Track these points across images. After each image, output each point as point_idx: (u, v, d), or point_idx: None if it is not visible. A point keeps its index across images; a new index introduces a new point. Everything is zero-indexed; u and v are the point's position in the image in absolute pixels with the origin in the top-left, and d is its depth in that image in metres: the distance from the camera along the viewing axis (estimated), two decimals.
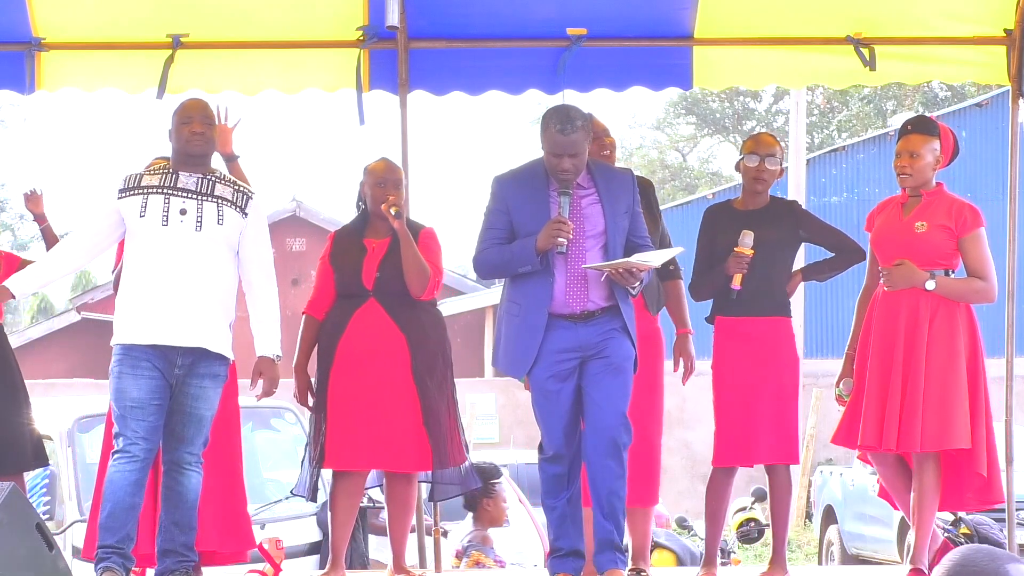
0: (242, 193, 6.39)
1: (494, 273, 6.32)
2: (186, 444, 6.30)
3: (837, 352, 26.81)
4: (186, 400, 6.28)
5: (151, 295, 6.25)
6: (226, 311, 6.33)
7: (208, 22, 7.81)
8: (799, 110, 23.44)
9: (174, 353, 6.24)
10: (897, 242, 6.58)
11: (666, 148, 42.23)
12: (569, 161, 6.09)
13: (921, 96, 35.51)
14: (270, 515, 9.86)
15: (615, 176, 6.32)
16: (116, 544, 6.24)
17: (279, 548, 6.92)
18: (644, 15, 7.86)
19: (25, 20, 7.75)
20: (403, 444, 6.73)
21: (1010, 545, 7.88)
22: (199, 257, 6.26)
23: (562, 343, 6.12)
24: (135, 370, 6.23)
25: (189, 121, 6.34)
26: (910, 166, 6.59)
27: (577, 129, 6.08)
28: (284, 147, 62.82)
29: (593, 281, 6.14)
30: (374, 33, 7.72)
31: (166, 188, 6.32)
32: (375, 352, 6.73)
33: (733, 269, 6.72)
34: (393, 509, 6.94)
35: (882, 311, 6.59)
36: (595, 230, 6.17)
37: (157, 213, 6.27)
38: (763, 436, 6.74)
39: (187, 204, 6.28)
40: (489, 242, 6.22)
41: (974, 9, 7.77)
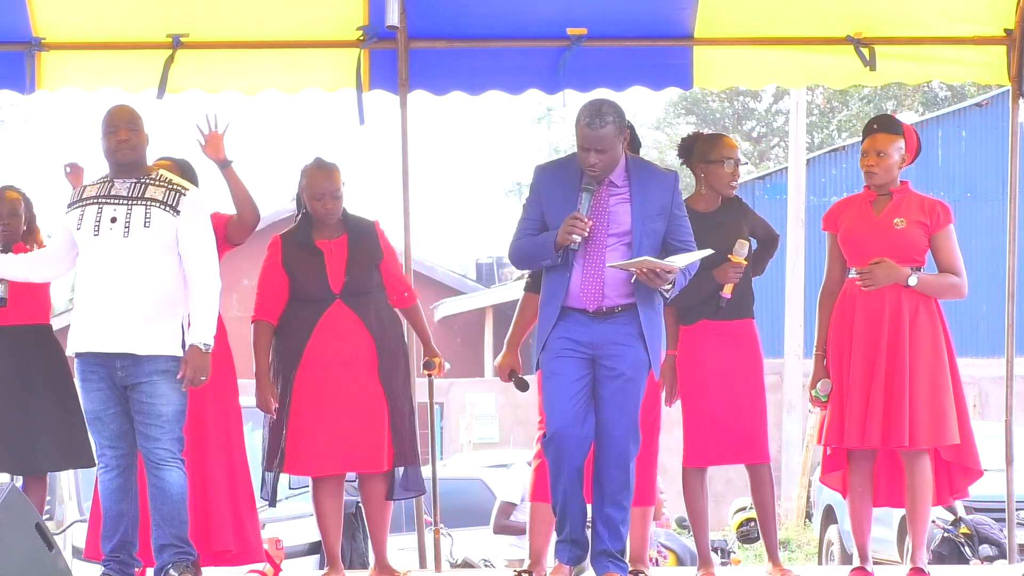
0: (174, 191, 6.37)
1: (523, 263, 6.30)
2: (154, 442, 6.30)
3: None
4: (141, 399, 6.31)
5: (86, 304, 6.36)
6: (168, 310, 6.33)
7: (208, 22, 7.81)
8: (799, 110, 23.45)
9: (111, 359, 6.31)
10: (875, 240, 6.57)
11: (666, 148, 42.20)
12: (596, 156, 6.01)
13: (921, 96, 35.51)
14: (270, 515, 9.86)
15: (654, 176, 6.22)
16: (111, 552, 6.38)
17: (279, 548, 6.93)
18: (644, 15, 7.86)
19: (25, 20, 7.75)
20: (372, 444, 6.71)
21: (1010, 545, 7.88)
22: (128, 263, 6.29)
23: (572, 333, 6.07)
24: (86, 383, 6.39)
25: (115, 130, 6.37)
26: (877, 164, 6.63)
27: (606, 124, 5.98)
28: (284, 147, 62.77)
29: (610, 278, 6.06)
30: (374, 33, 7.72)
31: (101, 197, 6.39)
32: (344, 354, 6.70)
33: (731, 278, 6.71)
34: (369, 509, 6.92)
35: (863, 309, 6.56)
36: (619, 228, 6.09)
37: (90, 223, 6.35)
38: (733, 436, 6.77)
39: (118, 211, 6.34)
40: (522, 232, 6.19)
41: (974, 9, 7.77)
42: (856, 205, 6.70)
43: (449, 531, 9.24)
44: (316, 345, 6.70)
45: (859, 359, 6.55)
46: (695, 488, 6.88)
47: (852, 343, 6.57)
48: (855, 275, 6.61)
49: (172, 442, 6.33)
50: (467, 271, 34.36)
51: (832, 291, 6.72)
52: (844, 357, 6.60)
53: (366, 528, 9.48)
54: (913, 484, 6.55)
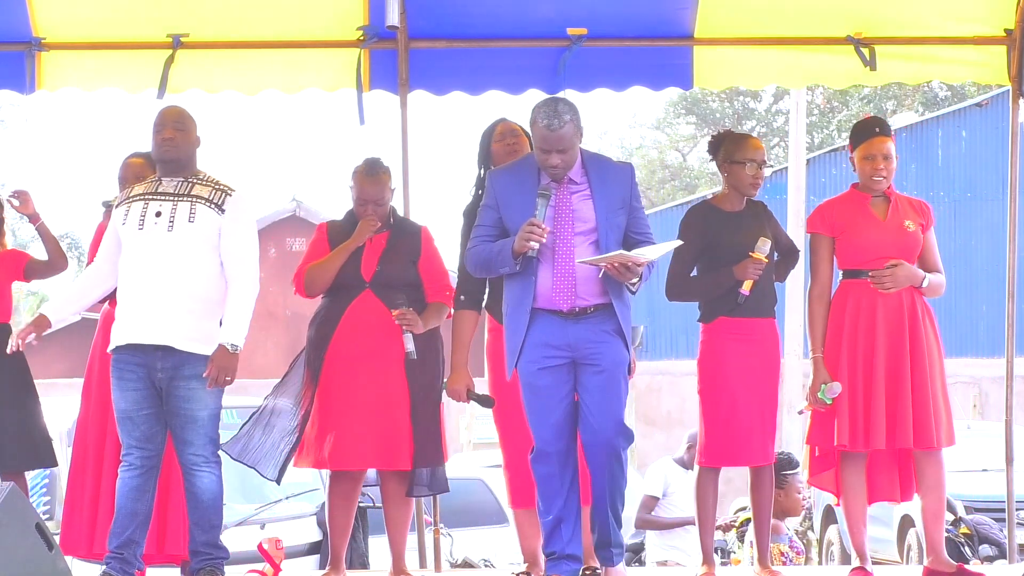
0: (220, 191, 6.42)
1: (480, 270, 6.16)
2: (188, 446, 6.35)
3: None
4: (177, 403, 6.34)
5: (128, 298, 6.37)
6: (206, 308, 6.35)
7: (208, 22, 7.81)
8: (799, 110, 23.43)
9: (153, 356, 6.30)
10: (889, 242, 6.59)
11: (666, 148, 42.23)
12: (558, 156, 5.94)
13: (921, 96, 35.52)
14: (270, 515, 9.86)
15: (611, 169, 6.16)
16: (116, 549, 6.37)
17: (279, 548, 6.92)
18: (644, 15, 7.86)
19: (25, 20, 7.76)
20: (394, 441, 6.72)
21: (1010, 545, 7.89)
22: (171, 257, 6.31)
23: (548, 337, 5.97)
24: (121, 380, 6.37)
25: (161, 128, 6.43)
26: (886, 169, 6.67)
27: (565, 123, 5.91)
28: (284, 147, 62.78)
29: (582, 277, 5.97)
30: (374, 33, 7.72)
31: (147, 194, 6.43)
32: (370, 345, 6.70)
33: (750, 275, 6.71)
34: (389, 509, 6.91)
35: (884, 311, 6.56)
36: (585, 226, 6.01)
37: (135, 218, 6.39)
38: (750, 437, 6.78)
39: (163, 207, 6.37)
40: (477, 239, 6.11)
41: (974, 9, 7.77)
42: (852, 207, 6.69)
43: (449, 531, 9.24)
44: (343, 334, 6.68)
45: (883, 361, 6.54)
46: (707, 487, 6.88)
47: (875, 345, 6.55)
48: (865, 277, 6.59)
49: (206, 446, 6.36)
50: None
51: (824, 292, 6.72)
52: (867, 358, 6.57)
53: (367, 528, 9.52)
54: (934, 485, 6.59)
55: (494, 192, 6.10)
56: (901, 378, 6.52)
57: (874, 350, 6.57)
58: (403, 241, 6.81)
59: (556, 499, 6.05)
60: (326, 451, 6.73)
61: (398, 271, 6.75)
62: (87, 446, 6.92)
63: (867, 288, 6.61)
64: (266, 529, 9.39)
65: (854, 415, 6.58)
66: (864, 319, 6.59)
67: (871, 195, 6.68)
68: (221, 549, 6.47)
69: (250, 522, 9.47)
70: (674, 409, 23.53)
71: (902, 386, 6.52)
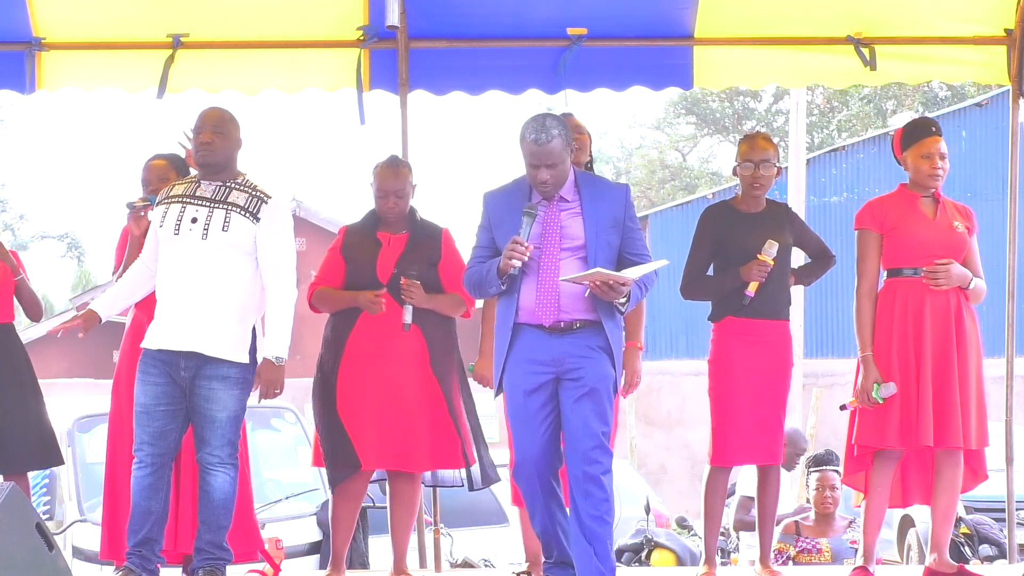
0: (257, 198, 6.41)
1: (474, 291, 6.09)
2: (206, 445, 6.36)
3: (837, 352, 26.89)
4: (198, 402, 6.35)
5: (163, 301, 6.40)
6: (239, 314, 6.36)
7: (208, 22, 7.81)
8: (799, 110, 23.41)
9: (176, 357, 6.32)
10: (940, 242, 6.58)
11: (666, 148, 42.20)
12: (547, 172, 5.83)
13: (921, 96, 35.49)
14: (270, 515, 9.86)
15: (604, 189, 6.05)
16: (134, 547, 6.39)
17: (279, 548, 6.93)
18: (644, 15, 7.86)
19: (25, 20, 7.76)
20: (408, 443, 6.72)
21: (1010, 545, 7.89)
22: (203, 264, 6.32)
23: (532, 352, 5.88)
24: (145, 375, 6.38)
25: (199, 131, 6.43)
26: (943, 168, 6.66)
27: (553, 138, 5.80)
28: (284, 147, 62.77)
29: (566, 294, 5.86)
30: (374, 33, 7.72)
31: (185, 197, 6.42)
32: (388, 347, 6.71)
33: (755, 277, 6.72)
34: (396, 509, 6.91)
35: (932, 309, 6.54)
36: (572, 243, 5.90)
37: (172, 222, 6.39)
38: (759, 436, 6.79)
39: (199, 212, 6.37)
40: (472, 260, 6.05)
41: (974, 9, 7.78)
42: (902, 206, 6.66)
43: (449, 531, 9.23)
44: (359, 337, 6.70)
45: (930, 359, 6.52)
46: (716, 487, 6.90)
47: (923, 343, 6.53)
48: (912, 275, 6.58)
49: (223, 447, 6.36)
50: None
51: (873, 289, 6.66)
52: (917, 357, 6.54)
53: (367, 528, 9.52)
54: (950, 485, 6.59)
55: (487, 213, 6.04)
56: (949, 377, 6.50)
57: (923, 348, 6.53)
58: (423, 243, 6.82)
59: (543, 513, 5.98)
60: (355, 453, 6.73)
61: (422, 274, 6.74)
62: (122, 448, 6.84)
63: (915, 286, 6.57)
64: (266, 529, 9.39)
65: (906, 414, 6.52)
66: (913, 317, 6.55)
67: (920, 195, 6.65)
68: (225, 551, 6.47)
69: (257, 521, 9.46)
70: (674, 409, 23.51)
71: (950, 385, 6.49)
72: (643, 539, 11.07)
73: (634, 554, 11.04)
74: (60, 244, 41.71)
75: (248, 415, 6.95)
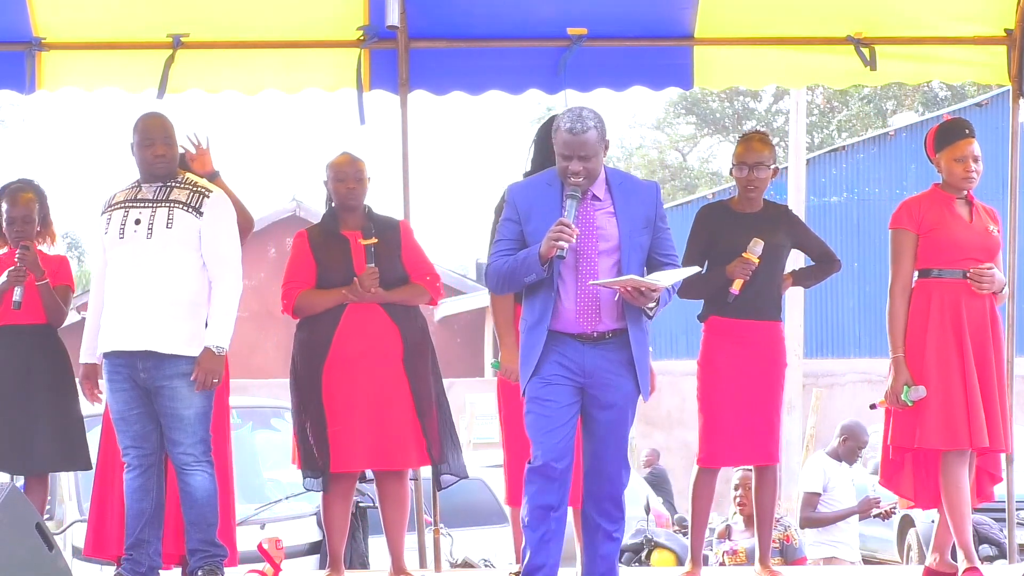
0: (198, 193, 6.45)
1: (503, 285, 5.85)
2: (178, 445, 6.38)
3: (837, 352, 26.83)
4: (163, 403, 6.37)
5: (111, 305, 6.43)
6: (189, 310, 6.38)
7: (208, 22, 7.81)
8: (799, 110, 23.40)
9: (134, 358, 6.36)
10: (977, 244, 6.56)
11: (666, 148, 42.21)
12: (579, 163, 5.70)
13: (921, 96, 35.49)
14: (270, 515, 9.85)
15: (636, 187, 5.92)
16: (127, 550, 6.44)
17: (279, 548, 6.92)
18: (644, 15, 7.86)
19: (25, 20, 7.76)
20: (399, 440, 6.73)
21: (1010, 545, 7.89)
22: (150, 263, 6.35)
23: (564, 359, 5.74)
24: (112, 383, 6.44)
25: (151, 143, 6.44)
26: (977, 171, 6.61)
27: (589, 129, 5.71)
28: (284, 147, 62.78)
29: (606, 300, 5.73)
30: (374, 33, 7.72)
31: (128, 202, 6.47)
32: (370, 347, 6.73)
33: (738, 274, 6.72)
34: (386, 508, 6.92)
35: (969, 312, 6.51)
36: (608, 244, 5.76)
37: (116, 227, 6.44)
38: (751, 437, 6.78)
39: (142, 214, 6.42)
40: (498, 254, 5.83)
41: (974, 9, 7.77)
42: (938, 207, 6.60)
43: (449, 531, 9.23)
44: (343, 337, 6.71)
45: (973, 360, 6.49)
46: (705, 488, 6.89)
47: (964, 344, 6.48)
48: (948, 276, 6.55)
49: (195, 445, 6.37)
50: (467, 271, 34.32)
51: (907, 289, 6.58)
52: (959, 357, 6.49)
53: (367, 528, 9.52)
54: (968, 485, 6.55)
55: (515, 205, 5.83)
56: (990, 379, 6.50)
57: (965, 349, 6.48)
58: (384, 237, 6.85)
59: (548, 516, 5.77)
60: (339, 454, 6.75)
61: (389, 268, 6.79)
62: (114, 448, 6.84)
63: (952, 287, 6.53)
64: (266, 529, 9.39)
65: (947, 415, 6.45)
66: (952, 318, 6.50)
67: (955, 196, 6.62)
68: (220, 547, 6.48)
69: (250, 522, 9.45)
70: (674, 409, 23.51)
71: (991, 387, 6.49)
72: (643, 539, 11.07)
73: (634, 554, 11.05)
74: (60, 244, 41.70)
75: (248, 415, 6.96)
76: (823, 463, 10.96)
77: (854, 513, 10.71)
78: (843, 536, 10.71)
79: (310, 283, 6.84)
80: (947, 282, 6.54)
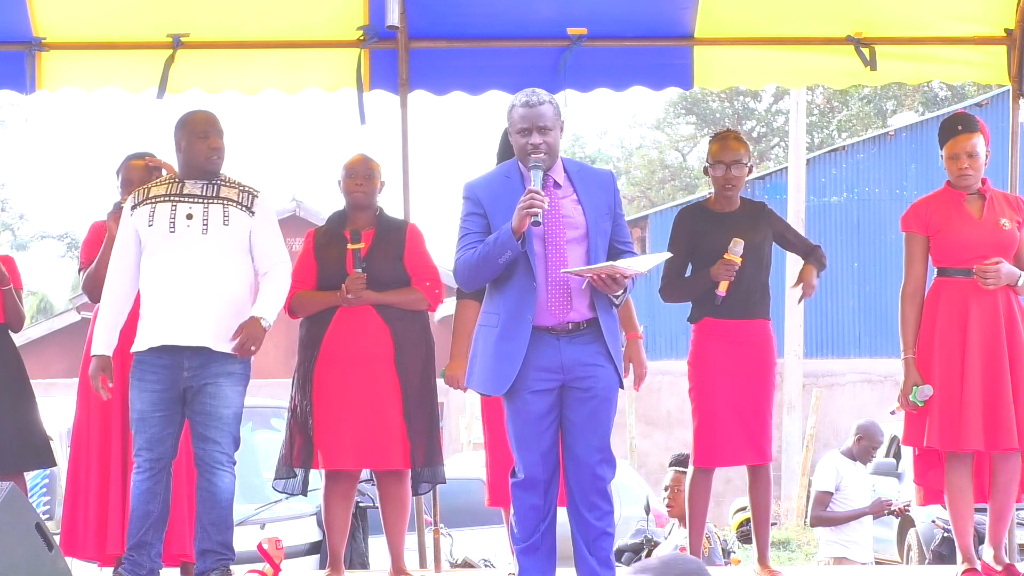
0: (247, 192, 6.48)
1: (473, 275, 5.70)
2: (212, 444, 6.35)
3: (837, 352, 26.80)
4: (204, 399, 6.33)
5: (157, 299, 6.36)
6: (237, 309, 6.38)
7: (208, 22, 7.81)
8: (799, 110, 23.43)
9: (181, 355, 6.30)
10: (987, 240, 6.53)
11: (666, 148, 42.23)
12: (539, 136, 5.63)
13: (921, 96, 35.51)
14: (270, 515, 9.85)
15: (594, 175, 5.86)
16: (129, 551, 6.40)
17: (279, 548, 6.92)
18: (644, 15, 7.86)
19: (25, 20, 7.76)
20: (388, 441, 6.74)
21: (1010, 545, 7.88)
22: (206, 259, 6.34)
23: (544, 360, 5.64)
24: (142, 382, 6.35)
25: (206, 136, 6.43)
26: (971, 167, 6.58)
27: (544, 102, 5.65)
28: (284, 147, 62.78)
29: (576, 289, 5.65)
30: (374, 33, 7.72)
31: (173, 196, 6.42)
32: (361, 347, 6.74)
33: (723, 276, 6.72)
34: (386, 508, 6.93)
35: (977, 310, 6.48)
36: (577, 233, 5.68)
37: (164, 220, 6.38)
38: (744, 437, 6.79)
39: (193, 208, 6.39)
40: (465, 248, 5.71)
41: (974, 9, 7.77)
42: (947, 205, 6.60)
43: (449, 531, 9.23)
44: (334, 336, 6.72)
45: (979, 360, 6.45)
46: (700, 487, 6.90)
47: (967, 344, 6.46)
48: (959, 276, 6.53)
49: (230, 445, 6.38)
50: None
51: (917, 292, 6.59)
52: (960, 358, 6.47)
53: (367, 528, 9.52)
54: (1011, 483, 6.55)
55: (478, 199, 5.74)
56: (1000, 378, 6.43)
57: (966, 350, 6.46)
58: (389, 238, 6.87)
59: (536, 528, 5.76)
60: (328, 453, 6.77)
61: (385, 269, 6.79)
62: (87, 448, 6.90)
63: (960, 286, 6.52)
64: (266, 529, 9.39)
65: (946, 416, 6.46)
66: (957, 318, 6.50)
67: (966, 192, 6.61)
68: (232, 550, 6.48)
69: (250, 522, 9.45)
70: (674, 409, 23.52)
71: (1002, 386, 6.42)
72: (643, 539, 11.07)
73: (634, 554, 11.05)
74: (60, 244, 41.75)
75: (248, 415, 6.96)
76: (837, 462, 10.96)
77: (866, 513, 10.71)
78: (856, 536, 10.72)
79: (310, 283, 6.85)
80: (956, 281, 6.54)
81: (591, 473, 5.72)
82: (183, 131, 6.48)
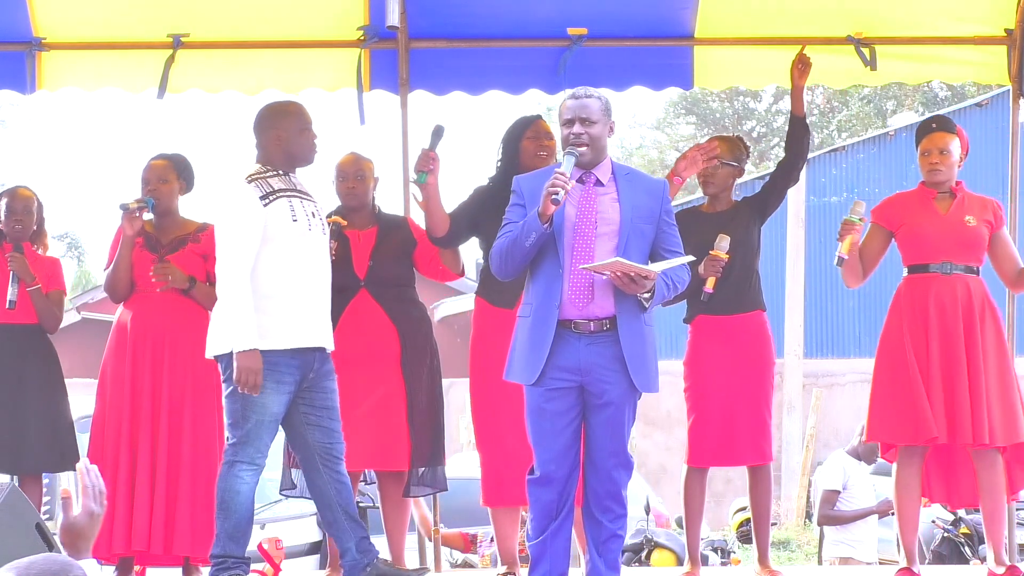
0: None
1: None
2: (335, 435, 6.29)
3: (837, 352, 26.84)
4: (327, 396, 6.28)
5: (297, 298, 6.22)
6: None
7: (208, 22, 7.81)
8: None
9: (312, 355, 6.24)
10: (949, 237, 6.57)
11: (666, 148, 42.21)
12: (580, 126, 5.75)
13: (921, 96, 35.50)
14: (270, 515, 9.86)
15: (643, 180, 5.95)
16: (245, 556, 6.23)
17: (279, 548, 6.93)
18: (644, 15, 7.86)
19: (25, 20, 7.76)
20: (391, 442, 6.74)
21: (1010, 545, 7.88)
22: (325, 259, 6.35)
23: (564, 360, 5.71)
24: (280, 384, 6.17)
25: (310, 127, 6.51)
26: (941, 162, 6.64)
27: (592, 96, 5.80)
28: None
29: (599, 283, 5.70)
30: (374, 33, 7.72)
31: (289, 191, 6.32)
32: (368, 347, 6.75)
33: (709, 272, 6.75)
34: (387, 508, 6.93)
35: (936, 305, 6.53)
36: (608, 228, 5.75)
37: (302, 216, 6.28)
38: (741, 436, 6.79)
39: (307, 206, 6.34)
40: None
41: (974, 9, 7.78)
42: (916, 202, 6.68)
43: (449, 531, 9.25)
44: (340, 337, 6.68)
45: (938, 355, 6.49)
46: (695, 487, 6.91)
47: (928, 338, 6.50)
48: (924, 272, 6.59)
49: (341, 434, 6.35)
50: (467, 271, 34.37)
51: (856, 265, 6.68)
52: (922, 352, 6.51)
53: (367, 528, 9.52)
54: (991, 483, 6.56)
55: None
56: (957, 372, 6.46)
57: (928, 344, 6.51)
58: (392, 235, 6.88)
59: (551, 525, 5.81)
60: None
61: (391, 266, 6.81)
62: (103, 447, 6.84)
63: (923, 283, 6.57)
64: (266, 529, 9.39)
65: (900, 409, 6.50)
66: (919, 314, 6.55)
67: (937, 191, 6.66)
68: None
69: None
70: (674, 409, 23.49)
71: (958, 381, 6.45)
72: (643, 539, 11.08)
73: (634, 554, 11.06)
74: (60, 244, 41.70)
75: None
76: (843, 461, 10.97)
77: (872, 513, 10.71)
78: (861, 535, 10.72)
79: None
80: (919, 278, 6.61)
81: (606, 476, 5.78)
82: (287, 120, 6.39)
